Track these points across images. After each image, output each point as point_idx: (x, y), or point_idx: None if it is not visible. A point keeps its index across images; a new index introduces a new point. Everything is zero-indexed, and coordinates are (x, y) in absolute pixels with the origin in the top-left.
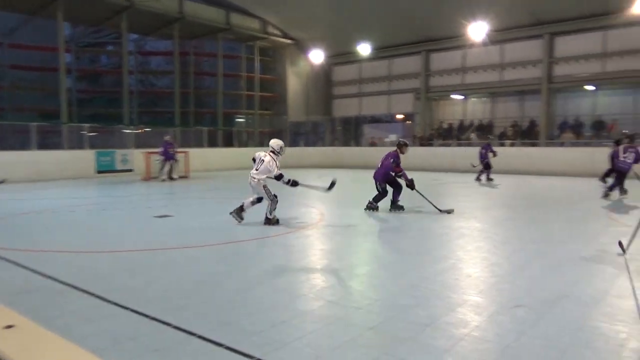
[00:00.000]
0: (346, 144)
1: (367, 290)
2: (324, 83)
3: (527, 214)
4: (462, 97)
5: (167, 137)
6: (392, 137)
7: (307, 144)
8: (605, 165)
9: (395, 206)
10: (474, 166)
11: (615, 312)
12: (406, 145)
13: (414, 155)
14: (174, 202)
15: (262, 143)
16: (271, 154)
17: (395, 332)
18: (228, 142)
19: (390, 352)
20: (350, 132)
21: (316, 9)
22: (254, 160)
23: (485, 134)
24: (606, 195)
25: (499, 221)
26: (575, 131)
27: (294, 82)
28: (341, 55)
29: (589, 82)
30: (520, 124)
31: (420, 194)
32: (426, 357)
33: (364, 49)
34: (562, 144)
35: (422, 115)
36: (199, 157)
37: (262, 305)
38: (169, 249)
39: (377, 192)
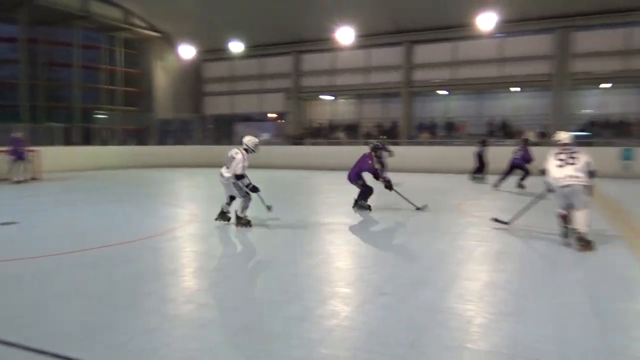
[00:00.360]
0: (218, 142)
1: (242, 289)
2: (194, 79)
3: (392, 207)
4: (332, 97)
5: (17, 134)
6: (265, 136)
7: (176, 142)
8: (459, 162)
9: (359, 205)
10: None
11: (465, 293)
12: (381, 149)
13: (286, 154)
14: (21, 206)
15: (126, 141)
16: (243, 151)
17: (270, 328)
18: (87, 140)
19: (265, 349)
20: (222, 130)
21: (184, 3)
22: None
23: (352, 134)
24: (521, 186)
25: (365, 215)
26: (431, 131)
27: (161, 78)
28: (212, 52)
29: (442, 87)
30: (384, 124)
31: (398, 192)
32: (301, 350)
33: (236, 46)
34: (419, 143)
35: (293, 115)
36: (52, 156)
37: (127, 313)
38: (11, 260)
39: (360, 192)
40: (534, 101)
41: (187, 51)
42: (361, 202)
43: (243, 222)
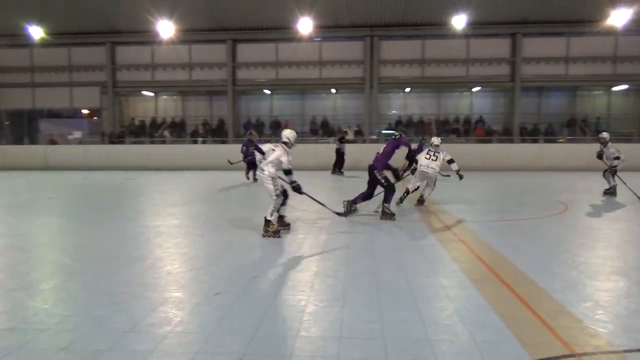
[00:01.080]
0: (17, 141)
1: (55, 307)
2: None
3: (221, 207)
4: (152, 94)
5: None
6: (77, 135)
7: None
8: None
9: (384, 213)
10: (232, 163)
11: (297, 284)
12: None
13: (104, 154)
14: None
15: None
16: (283, 145)
17: (92, 345)
18: None
19: None
20: (22, 127)
21: None
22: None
23: (178, 132)
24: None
25: (195, 215)
26: (258, 130)
27: None
28: (4, 37)
29: (266, 87)
30: (211, 122)
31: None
32: None
33: (35, 32)
34: None
35: (110, 111)
36: None
37: None
38: None
39: (383, 189)
40: (350, 102)
41: None
42: (386, 208)
43: (272, 230)
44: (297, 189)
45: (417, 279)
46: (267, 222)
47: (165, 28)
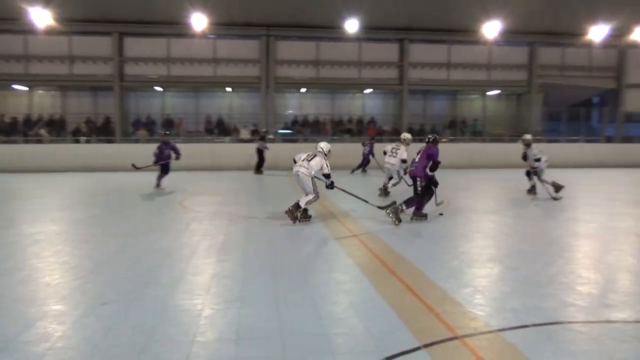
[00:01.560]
0: None
1: None
2: None
3: (107, 211)
4: (26, 88)
5: None
6: None
7: None
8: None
9: (419, 214)
10: (137, 168)
11: (193, 288)
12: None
13: None
14: None
15: None
16: (323, 155)
17: None
18: None
19: None
20: None
21: None
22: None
23: (57, 130)
24: (364, 170)
25: (78, 220)
26: (149, 128)
27: None
28: None
29: (157, 84)
30: (95, 120)
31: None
32: None
33: None
34: (137, 141)
35: None
36: None
37: None
38: None
39: (415, 194)
40: (246, 101)
41: None
42: (400, 209)
43: (297, 214)
44: (332, 186)
45: (313, 276)
46: (298, 207)
47: (40, 16)
